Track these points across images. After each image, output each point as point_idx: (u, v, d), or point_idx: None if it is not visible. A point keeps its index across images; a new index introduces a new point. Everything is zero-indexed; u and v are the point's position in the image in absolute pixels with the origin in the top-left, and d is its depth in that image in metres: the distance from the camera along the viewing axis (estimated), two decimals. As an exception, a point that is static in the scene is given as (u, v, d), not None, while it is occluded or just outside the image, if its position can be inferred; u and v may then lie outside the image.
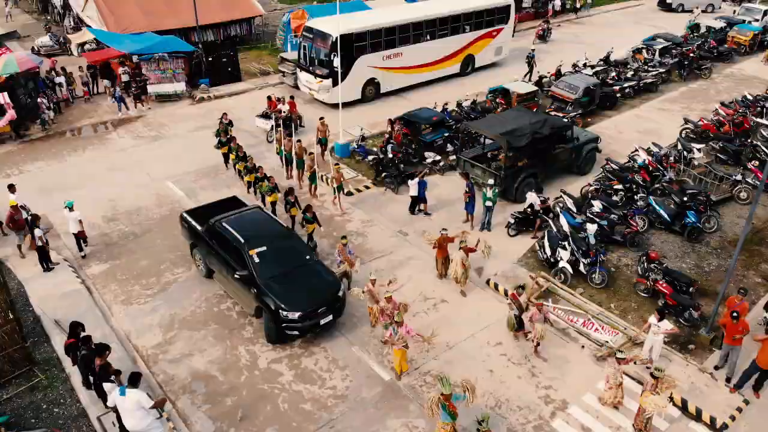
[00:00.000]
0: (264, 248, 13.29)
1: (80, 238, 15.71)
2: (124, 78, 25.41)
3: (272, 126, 21.57)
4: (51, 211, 17.63)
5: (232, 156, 19.49)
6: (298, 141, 19.24)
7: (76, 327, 11.57)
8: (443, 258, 14.78)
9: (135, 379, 9.97)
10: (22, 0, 43.72)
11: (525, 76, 28.37)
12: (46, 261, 15.10)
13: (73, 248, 16.15)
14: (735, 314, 11.86)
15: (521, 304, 12.91)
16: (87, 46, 29.12)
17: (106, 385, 10.18)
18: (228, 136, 19.97)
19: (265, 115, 22.54)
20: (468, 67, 28.96)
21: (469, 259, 14.29)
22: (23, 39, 33.59)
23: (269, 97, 23.40)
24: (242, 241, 13.35)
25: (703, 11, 39.95)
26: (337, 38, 22.44)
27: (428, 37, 26.56)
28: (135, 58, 25.63)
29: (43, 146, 21.98)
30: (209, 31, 31.37)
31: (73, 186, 19.18)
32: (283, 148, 19.50)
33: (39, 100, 23.04)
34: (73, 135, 22.97)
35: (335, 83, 23.72)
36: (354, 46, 23.82)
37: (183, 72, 26.08)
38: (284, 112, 22.25)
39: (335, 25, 23.13)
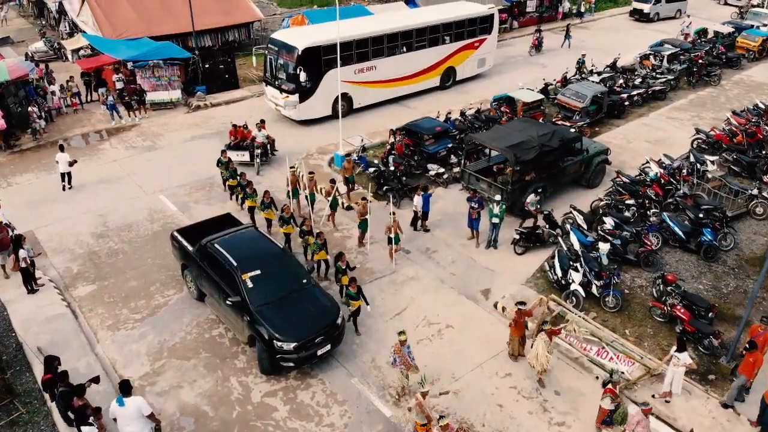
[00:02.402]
0: (258, 272, 12.52)
1: (66, 174, 18.30)
2: (119, 85, 24.71)
3: (256, 156, 19.88)
4: (38, 227, 16.96)
5: (249, 202, 16.85)
6: (311, 173, 17.63)
7: (52, 361, 10.84)
8: (519, 337, 12.47)
9: (128, 387, 9.86)
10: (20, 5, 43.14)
11: (575, 75, 27.37)
12: (30, 282, 14.36)
13: (60, 268, 15.48)
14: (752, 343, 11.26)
15: (620, 397, 11.01)
16: (82, 52, 28.37)
17: (85, 429, 9.44)
18: (247, 181, 17.23)
19: (237, 146, 20.06)
20: (449, 79, 27.47)
21: (552, 343, 11.97)
22: (17, 44, 32.92)
23: (235, 126, 20.72)
24: (234, 264, 12.56)
25: (672, 17, 39.32)
26: (303, 51, 21.55)
27: (404, 49, 25.03)
28: (130, 65, 24.93)
29: (33, 157, 21.28)
30: (207, 37, 30.57)
31: (63, 199, 18.53)
32: (303, 190, 17.31)
33: (30, 108, 22.35)
34: (68, 144, 22.22)
35: (303, 99, 22.77)
36: (322, 59, 22.14)
37: (179, 79, 25.36)
38: (262, 138, 20.09)
39: (301, 37, 22.11)
